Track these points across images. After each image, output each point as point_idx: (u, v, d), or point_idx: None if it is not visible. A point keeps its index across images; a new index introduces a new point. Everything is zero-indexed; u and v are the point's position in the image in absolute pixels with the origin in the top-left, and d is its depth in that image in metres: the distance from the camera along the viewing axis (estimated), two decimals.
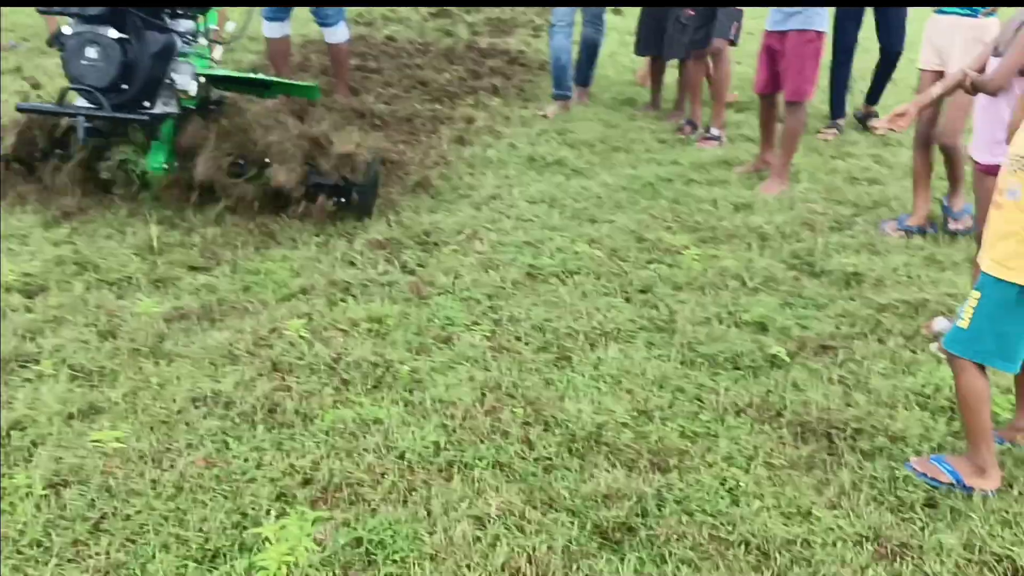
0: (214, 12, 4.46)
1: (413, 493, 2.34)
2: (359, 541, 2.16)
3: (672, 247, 4.01)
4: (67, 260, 3.51)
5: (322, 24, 5.80)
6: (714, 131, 5.62)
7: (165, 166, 3.99)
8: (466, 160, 5.05)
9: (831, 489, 2.44)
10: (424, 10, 9.90)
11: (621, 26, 9.27)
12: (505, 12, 9.96)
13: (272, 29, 5.69)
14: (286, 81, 4.68)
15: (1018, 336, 2.37)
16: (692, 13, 5.59)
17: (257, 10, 5.89)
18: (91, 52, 3.70)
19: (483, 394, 2.80)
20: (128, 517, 2.22)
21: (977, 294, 2.40)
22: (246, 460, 2.44)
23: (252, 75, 4.44)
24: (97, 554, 2.10)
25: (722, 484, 2.45)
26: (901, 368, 3.06)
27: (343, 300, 3.37)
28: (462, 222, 4.15)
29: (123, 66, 3.72)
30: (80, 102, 3.87)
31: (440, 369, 2.94)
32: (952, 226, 4.20)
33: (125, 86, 3.78)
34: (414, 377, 2.88)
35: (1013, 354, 2.38)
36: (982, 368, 2.42)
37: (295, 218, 3.98)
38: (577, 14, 6.12)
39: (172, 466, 2.40)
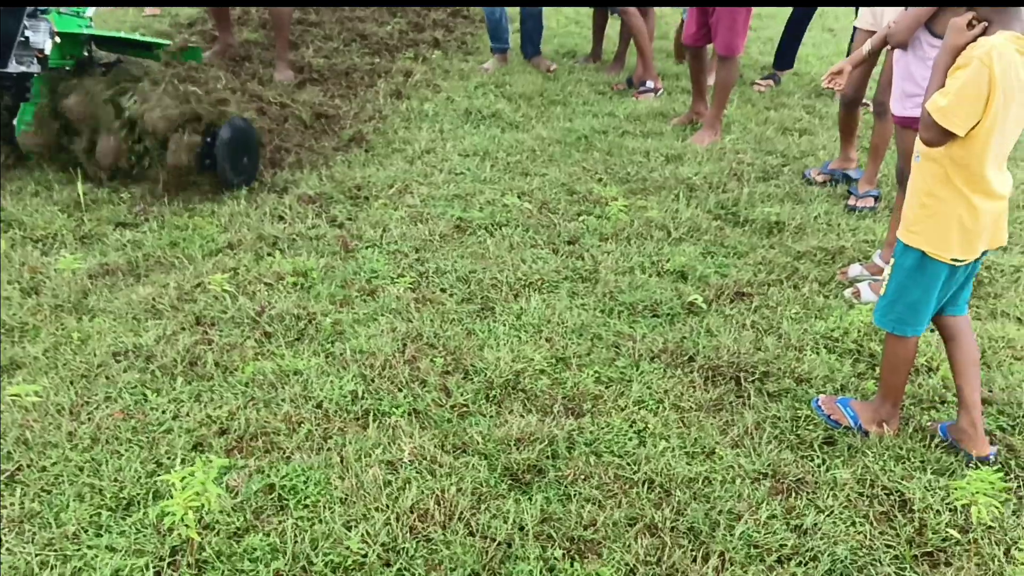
0: None
1: (328, 441, 2.40)
2: (272, 488, 2.22)
3: (602, 198, 4.06)
4: None
5: None
6: (649, 83, 5.66)
7: (29, 122, 3.84)
8: (402, 114, 5.05)
9: (735, 430, 2.53)
10: None
11: None
12: None
13: None
14: (167, 43, 4.53)
15: (924, 303, 2.37)
16: None
17: None
18: None
19: (404, 344, 2.86)
20: (44, 469, 2.25)
21: (892, 261, 2.44)
22: (163, 412, 2.48)
23: (132, 36, 4.27)
24: (11, 504, 2.14)
25: (631, 426, 2.54)
26: (813, 313, 3.16)
27: (270, 255, 3.39)
28: (394, 176, 4.17)
29: None
30: None
31: (363, 321, 2.99)
32: (851, 202, 4.11)
33: None
34: (336, 329, 2.92)
35: (919, 320, 2.41)
36: None
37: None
38: None
39: (89, 419, 2.43)
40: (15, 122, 3.83)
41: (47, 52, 3.77)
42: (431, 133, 4.78)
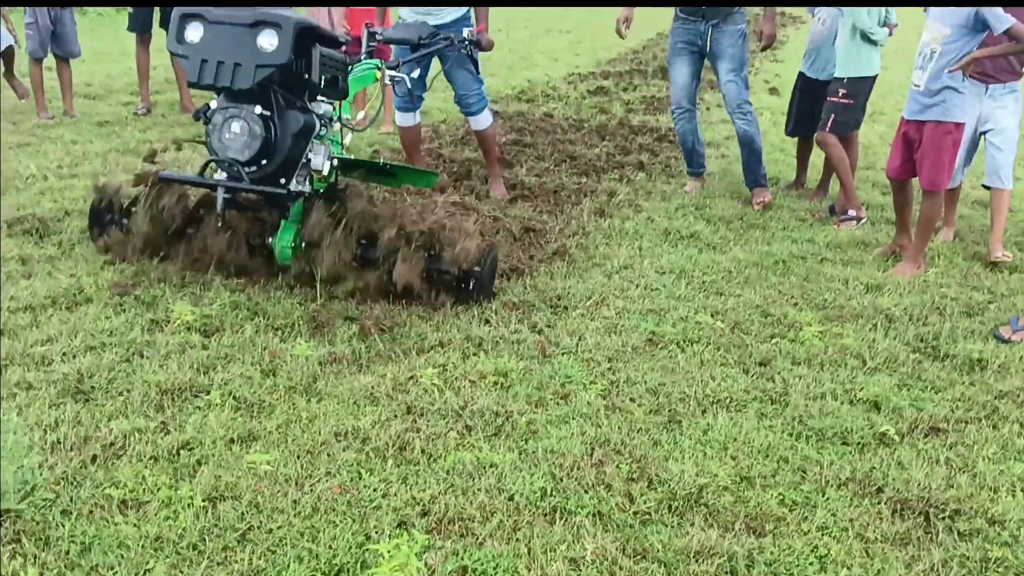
0: (348, 101, 4.62)
1: (517, 532, 2.59)
2: (464, 569, 2.42)
3: (796, 323, 4.12)
4: (241, 306, 3.98)
5: (466, 113, 5.87)
6: (851, 212, 5.68)
7: (292, 245, 4.12)
8: (604, 231, 5.32)
9: (920, 565, 2.51)
10: (582, 87, 10.37)
11: (776, 106, 9.41)
12: (661, 91, 10.29)
13: (404, 119, 5.87)
14: (409, 167, 4.85)
15: None
16: (845, 92, 5.68)
17: (391, 100, 6.33)
18: (235, 127, 3.85)
19: (592, 448, 3.02)
20: (271, 531, 2.56)
21: None
22: (374, 490, 2.75)
23: (378, 162, 4.58)
24: (241, 559, 2.44)
25: (813, 551, 2.57)
26: (1012, 455, 3.07)
27: (475, 354, 3.68)
28: (592, 288, 4.41)
29: (264, 142, 3.85)
30: (220, 175, 4.02)
31: (555, 422, 3.19)
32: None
33: (265, 161, 3.91)
34: (530, 428, 3.14)
35: None
36: None
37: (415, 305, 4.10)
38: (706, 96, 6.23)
39: (311, 490, 2.74)
40: (274, 238, 4.18)
41: (324, 174, 4.13)
42: (630, 250, 5.01)
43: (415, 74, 5.53)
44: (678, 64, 6.02)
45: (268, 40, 3.72)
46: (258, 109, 3.84)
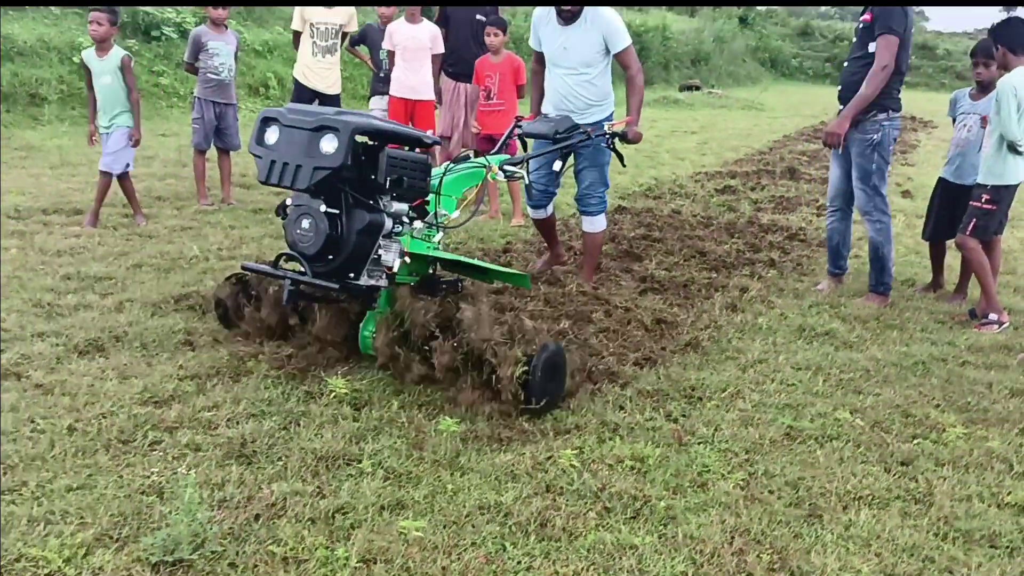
0: (451, 199, 4.70)
1: None
2: None
3: (939, 424, 4.04)
4: (388, 382, 4.19)
5: (583, 212, 5.97)
6: (992, 316, 5.54)
7: (374, 334, 4.21)
8: (736, 326, 5.36)
9: None
10: (710, 185, 10.49)
11: (908, 208, 9.30)
12: (790, 191, 10.32)
13: (536, 213, 6.13)
14: (500, 269, 4.88)
15: None
16: (988, 198, 5.60)
17: (519, 194, 6.30)
18: (305, 223, 3.94)
19: (732, 537, 3.04)
20: None
21: None
22: (519, 563, 2.84)
23: (468, 260, 4.57)
24: None
25: None
26: None
27: (611, 439, 3.75)
28: (727, 381, 4.44)
29: (329, 238, 3.90)
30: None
31: (694, 509, 3.22)
32: None
33: (331, 256, 3.96)
34: (669, 513, 3.18)
35: None
36: None
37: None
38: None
39: (459, 558, 2.85)
40: (361, 328, 4.32)
41: (396, 270, 4.16)
42: (764, 345, 5.03)
43: (555, 166, 5.70)
44: (832, 162, 6.14)
45: (329, 144, 3.79)
46: (323, 207, 3.91)
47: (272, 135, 4.00)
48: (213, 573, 2.73)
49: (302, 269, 4.04)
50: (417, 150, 4.28)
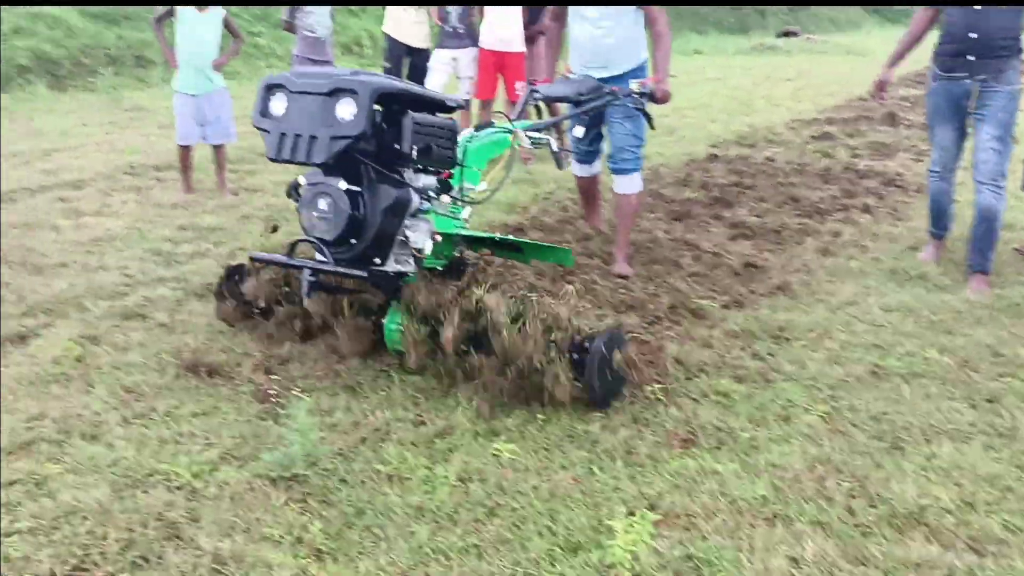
0: (475, 171, 4.18)
1: (739, 531, 2.77)
2: (690, 557, 2.63)
3: None
4: None
5: (614, 170, 5.21)
6: None
7: (401, 327, 3.66)
8: (828, 269, 5.37)
9: None
10: (805, 132, 10.33)
11: None
12: (889, 136, 10.08)
13: (580, 169, 5.62)
14: (537, 244, 4.44)
15: None
16: None
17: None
18: (322, 204, 3.49)
19: (813, 465, 3.15)
20: (514, 509, 2.88)
21: None
22: (605, 484, 3.02)
23: (503, 237, 4.16)
24: (490, 530, 2.77)
25: None
26: None
27: (696, 376, 3.88)
28: (815, 322, 4.50)
29: (351, 220, 3.46)
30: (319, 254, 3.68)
31: (776, 440, 3.33)
32: None
33: (354, 240, 3.52)
34: (751, 444, 3.30)
35: None
36: None
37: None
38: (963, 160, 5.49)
39: (549, 478, 3.05)
40: (385, 319, 3.79)
41: (427, 253, 3.72)
42: (855, 287, 5.04)
43: (576, 132, 5.30)
44: (943, 127, 5.29)
45: (347, 109, 3.33)
46: (343, 184, 3.47)
47: (279, 105, 3.52)
48: (325, 487, 2.99)
49: (321, 257, 3.63)
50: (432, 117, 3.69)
